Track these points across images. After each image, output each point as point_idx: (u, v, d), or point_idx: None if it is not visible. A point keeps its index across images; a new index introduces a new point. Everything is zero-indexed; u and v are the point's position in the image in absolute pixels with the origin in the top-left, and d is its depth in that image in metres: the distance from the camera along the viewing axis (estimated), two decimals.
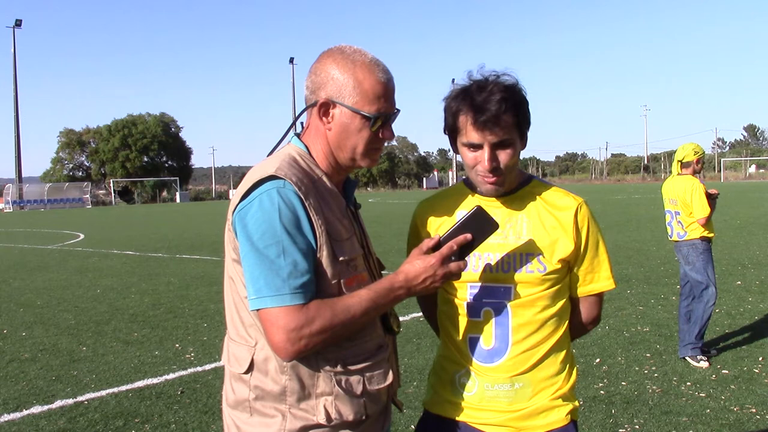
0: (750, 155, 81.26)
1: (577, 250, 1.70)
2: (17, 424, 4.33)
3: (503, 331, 1.68)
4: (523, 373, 1.68)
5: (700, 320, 5.14)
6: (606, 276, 1.75)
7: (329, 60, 1.56)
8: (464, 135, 1.63)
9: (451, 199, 1.80)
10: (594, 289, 1.76)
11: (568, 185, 68.61)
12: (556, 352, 1.71)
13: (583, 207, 1.72)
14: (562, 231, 1.69)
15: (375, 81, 1.54)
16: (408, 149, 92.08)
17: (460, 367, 1.74)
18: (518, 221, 1.70)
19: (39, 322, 7.53)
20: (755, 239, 12.97)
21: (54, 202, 57.15)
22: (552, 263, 1.67)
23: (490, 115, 1.57)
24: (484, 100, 1.58)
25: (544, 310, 1.69)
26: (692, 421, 3.98)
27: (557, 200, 1.72)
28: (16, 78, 60.58)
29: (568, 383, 1.73)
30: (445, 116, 1.68)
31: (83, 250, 15.87)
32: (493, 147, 1.60)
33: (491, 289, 1.69)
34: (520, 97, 1.63)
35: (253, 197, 1.46)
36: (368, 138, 1.56)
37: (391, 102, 1.58)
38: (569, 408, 1.72)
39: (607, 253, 1.76)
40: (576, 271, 1.73)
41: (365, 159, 1.60)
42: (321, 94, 1.55)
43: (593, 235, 1.72)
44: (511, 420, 1.68)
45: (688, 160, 5.33)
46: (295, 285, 1.41)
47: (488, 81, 1.62)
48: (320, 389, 1.50)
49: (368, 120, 1.54)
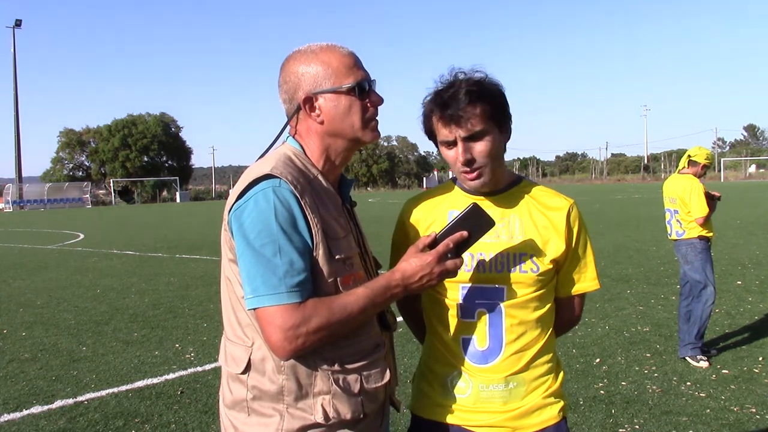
0: (750, 155, 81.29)
1: (567, 250, 1.70)
2: (17, 424, 4.33)
3: (497, 332, 1.67)
4: (517, 372, 1.68)
5: (700, 320, 5.14)
6: (592, 277, 1.76)
7: (291, 62, 1.59)
8: (439, 134, 1.65)
9: (439, 197, 1.80)
10: (580, 289, 1.76)
11: (568, 185, 68.89)
12: (546, 351, 1.72)
13: (574, 208, 1.73)
14: (554, 231, 1.69)
15: (340, 56, 1.57)
16: (408, 149, 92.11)
17: (451, 368, 1.72)
18: (510, 221, 1.70)
19: (39, 322, 7.53)
20: (755, 239, 12.96)
21: (54, 202, 57.19)
22: (545, 264, 1.67)
23: (456, 109, 1.58)
24: (450, 96, 1.59)
25: (535, 310, 1.69)
26: (692, 421, 3.98)
27: (549, 201, 1.73)
28: (16, 78, 60.71)
29: (557, 381, 1.74)
30: (423, 121, 1.69)
31: (83, 250, 15.87)
32: (466, 140, 1.61)
33: (484, 290, 1.68)
34: (490, 88, 1.63)
35: (249, 197, 1.46)
36: (360, 110, 1.57)
37: (364, 69, 1.60)
38: (561, 405, 1.73)
39: (594, 254, 1.77)
40: (564, 272, 1.74)
41: (367, 132, 1.59)
42: (299, 94, 1.56)
43: (583, 236, 1.74)
44: (505, 420, 1.68)
45: (698, 160, 5.35)
46: (292, 283, 1.41)
47: (455, 80, 1.63)
48: (317, 388, 1.50)
49: (352, 92, 1.55)
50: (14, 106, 60.04)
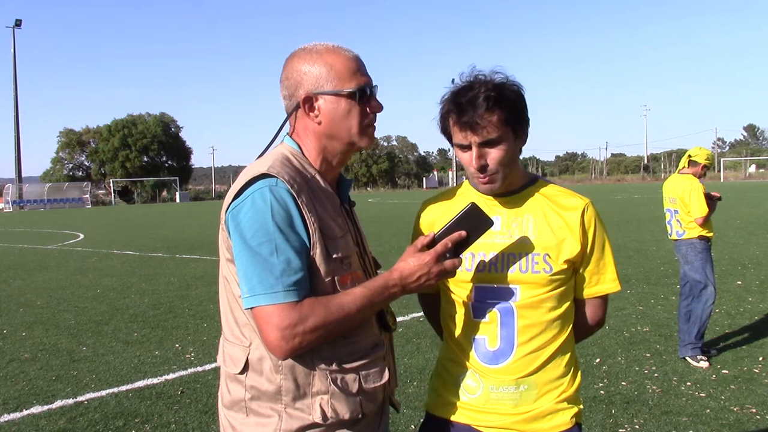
0: (750, 155, 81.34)
1: (583, 251, 1.68)
2: (17, 424, 4.33)
3: (509, 332, 1.66)
4: (528, 375, 1.66)
5: (699, 320, 5.14)
6: (612, 278, 1.73)
7: (295, 60, 1.58)
8: (454, 136, 1.63)
9: (454, 198, 1.79)
10: (599, 291, 1.73)
11: (568, 185, 68.24)
12: (561, 355, 1.69)
13: (589, 208, 1.70)
14: (568, 231, 1.66)
15: (344, 59, 1.56)
16: (408, 149, 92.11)
17: (464, 368, 1.71)
18: (524, 221, 1.68)
19: (39, 322, 7.53)
20: (755, 239, 12.96)
21: (54, 202, 57.20)
22: (558, 264, 1.65)
23: (473, 115, 1.56)
24: (468, 100, 1.57)
25: (549, 312, 1.66)
26: (692, 421, 3.97)
27: (563, 200, 1.70)
28: (16, 78, 60.72)
29: (572, 386, 1.71)
30: (440, 119, 1.68)
31: (83, 250, 15.87)
32: (481, 146, 1.59)
33: (497, 290, 1.66)
34: (510, 93, 1.60)
35: (246, 196, 1.46)
36: (359, 115, 1.56)
37: (367, 75, 1.60)
38: (574, 411, 1.70)
39: (613, 254, 1.74)
40: (581, 273, 1.71)
41: (363, 138, 1.59)
42: (300, 93, 1.56)
43: (600, 236, 1.70)
44: (515, 423, 1.66)
45: (698, 160, 5.36)
46: (289, 283, 1.41)
47: (475, 81, 1.61)
48: (316, 388, 1.49)
49: (353, 97, 1.55)
50: (14, 106, 60.08)
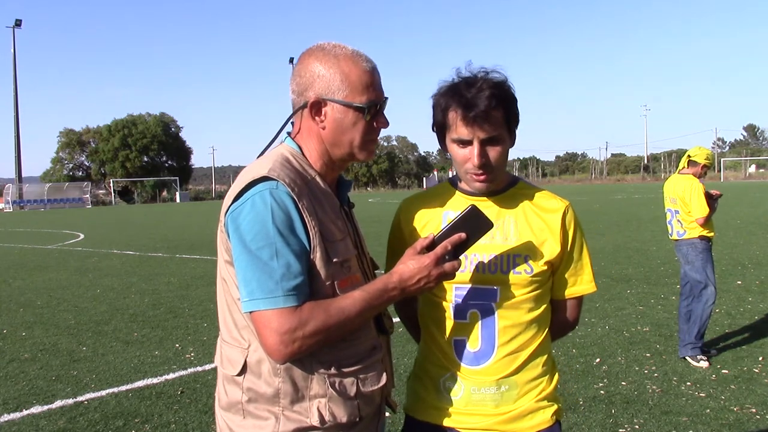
0: (750, 155, 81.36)
1: (563, 252, 1.70)
2: (17, 424, 4.33)
3: (489, 333, 1.66)
4: (509, 375, 1.67)
5: (700, 320, 5.14)
6: (589, 279, 1.75)
7: (312, 59, 1.55)
8: (454, 131, 1.61)
9: (436, 198, 1.78)
10: (577, 292, 1.76)
11: (568, 185, 68.88)
12: (540, 354, 1.71)
13: (570, 210, 1.72)
14: (549, 233, 1.68)
15: (361, 71, 1.53)
16: (408, 149, 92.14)
17: (445, 370, 1.71)
18: (505, 222, 1.69)
19: (39, 322, 7.53)
20: (755, 239, 12.96)
21: (54, 202, 57.21)
22: (539, 265, 1.67)
23: (480, 111, 1.55)
24: (474, 96, 1.56)
25: (529, 312, 1.68)
26: (692, 421, 3.97)
27: (544, 202, 1.72)
28: (16, 78, 60.71)
29: (551, 384, 1.73)
30: (434, 113, 1.67)
31: (83, 250, 15.87)
32: (483, 143, 1.59)
33: (478, 291, 1.67)
34: (510, 94, 1.62)
35: (246, 198, 1.44)
36: (364, 129, 1.55)
37: (380, 89, 1.57)
38: (554, 409, 1.71)
39: (590, 256, 1.76)
40: (560, 274, 1.73)
41: (363, 152, 1.58)
42: (309, 94, 1.53)
43: (579, 237, 1.73)
44: (497, 423, 1.67)
45: (698, 160, 5.36)
46: (288, 287, 1.40)
47: (477, 77, 1.61)
48: (314, 391, 1.49)
49: (362, 111, 1.53)
50: (14, 106, 60.07)
